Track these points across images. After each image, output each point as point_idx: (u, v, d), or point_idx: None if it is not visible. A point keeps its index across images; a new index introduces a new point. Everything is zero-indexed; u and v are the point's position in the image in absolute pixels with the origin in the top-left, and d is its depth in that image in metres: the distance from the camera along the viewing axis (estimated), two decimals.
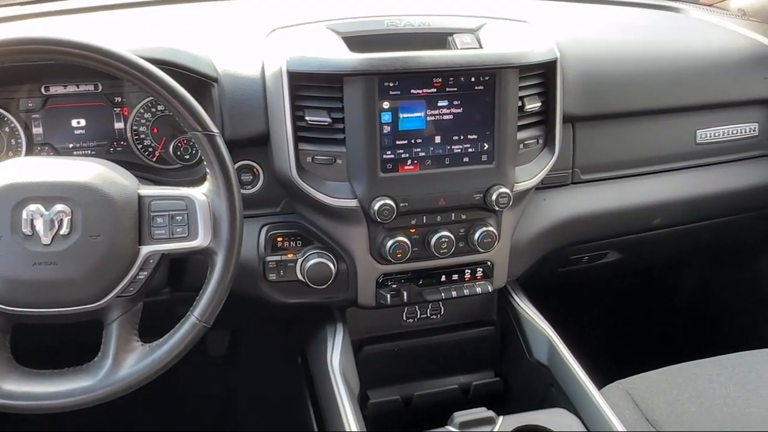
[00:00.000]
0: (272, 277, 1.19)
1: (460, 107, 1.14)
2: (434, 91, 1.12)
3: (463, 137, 1.16)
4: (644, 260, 1.77)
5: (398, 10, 1.24)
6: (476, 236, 1.20)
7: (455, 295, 1.25)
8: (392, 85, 1.10)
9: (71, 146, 1.17)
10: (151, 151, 1.20)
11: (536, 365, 1.30)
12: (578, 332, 1.40)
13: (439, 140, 1.15)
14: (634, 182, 1.43)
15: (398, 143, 1.13)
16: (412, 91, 1.11)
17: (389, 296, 1.23)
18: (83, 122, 1.17)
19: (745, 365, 1.33)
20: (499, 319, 1.43)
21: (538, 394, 1.30)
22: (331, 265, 1.18)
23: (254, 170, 1.19)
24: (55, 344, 1.29)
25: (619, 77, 1.36)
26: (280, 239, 1.19)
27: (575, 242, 1.43)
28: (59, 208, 0.88)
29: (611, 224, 1.44)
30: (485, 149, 1.17)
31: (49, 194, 0.89)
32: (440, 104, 1.14)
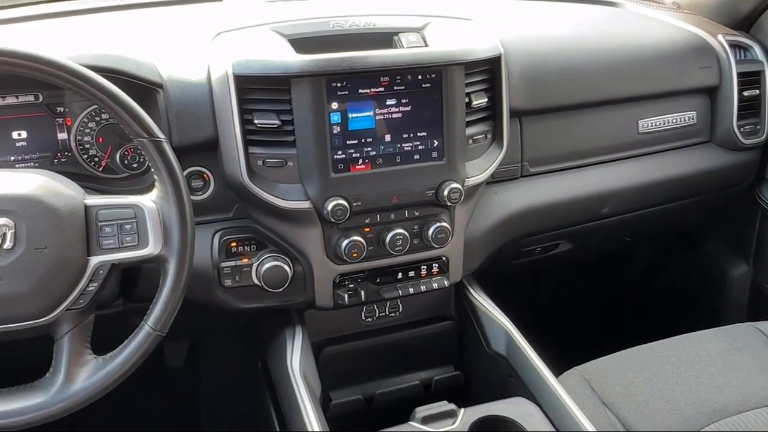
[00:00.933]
0: (228, 282, 1.18)
1: (408, 105, 1.16)
2: (382, 90, 1.13)
3: (412, 135, 1.17)
4: (595, 249, 1.81)
5: (343, 11, 1.25)
6: (430, 232, 1.21)
7: (412, 291, 1.26)
8: (340, 85, 1.10)
9: (12, 159, 1.14)
10: (97, 161, 1.18)
11: (495, 357, 1.32)
12: (534, 322, 1.43)
13: (389, 139, 1.16)
14: (581, 173, 1.46)
15: (348, 143, 1.13)
16: (360, 90, 1.12)
17: (347, 296, 1.23)
18: (24, 134, 1.14)
19: (694, 345, 1.38)
20: (456, 313, 1.45)
21: (497, 384, 1.32)
22: (287, 267, 1.18)
23: (204, 176, 1.17)
24: (2, 362, 1.25)
25: (562, 71, 1.39)
26: (234, 244, 1.18)
27: (527, 234, 1.46)
28: (1, 221, 0.86)
29: (561, 215, 1.47)
30: (435, 146, 1.18)
31: None
32: (389, 103, 1.14)
